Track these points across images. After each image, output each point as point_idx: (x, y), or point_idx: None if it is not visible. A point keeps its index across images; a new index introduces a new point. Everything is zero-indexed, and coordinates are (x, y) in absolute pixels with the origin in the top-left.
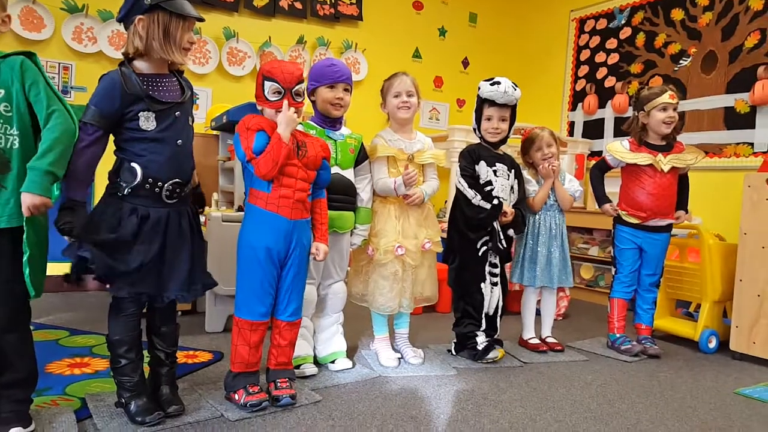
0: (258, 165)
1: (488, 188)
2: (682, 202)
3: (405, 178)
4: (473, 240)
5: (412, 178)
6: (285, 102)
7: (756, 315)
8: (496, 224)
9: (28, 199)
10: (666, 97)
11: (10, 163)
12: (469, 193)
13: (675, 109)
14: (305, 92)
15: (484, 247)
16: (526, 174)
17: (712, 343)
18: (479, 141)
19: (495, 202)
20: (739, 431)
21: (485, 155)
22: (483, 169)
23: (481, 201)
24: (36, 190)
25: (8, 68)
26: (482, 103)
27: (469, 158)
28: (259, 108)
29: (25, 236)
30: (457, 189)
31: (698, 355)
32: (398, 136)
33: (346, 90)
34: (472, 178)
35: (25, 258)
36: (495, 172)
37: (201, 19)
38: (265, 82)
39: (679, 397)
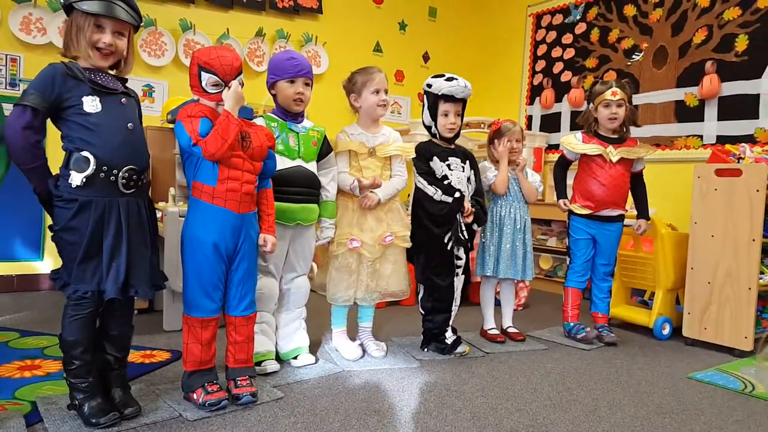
0: (206, 144)
1: (445, 182)
2: (641, 210)
3: (363, 192)
4: (438, 235)
5: (370, 199)
6: (233, 82)
7: (707, 302)
8: (458, 216)
9: None
10: (608, 94)
11: None
12: (430, 189)
13: (619, 106)
14: (243, 83)
15: (450, 241)
16: (488, 162)
17: (666, 330)
18: (429, 138)
19: (456, 195)
20: (692, 414)
21: (437, 151)
22: (437, 165)
23: (443, 196)
24: None
25: None
26: (437, 99)
27: (422, 156)
28: (195, 98)
29: None
30: (417, 187)
31: (653, 341)
32: (361, 130)
33: (306, 84)
34: (429, 175)
35: None
36: (449, 166)
37: (116, 18)
38: (203, 73)
39: (635, 383)
